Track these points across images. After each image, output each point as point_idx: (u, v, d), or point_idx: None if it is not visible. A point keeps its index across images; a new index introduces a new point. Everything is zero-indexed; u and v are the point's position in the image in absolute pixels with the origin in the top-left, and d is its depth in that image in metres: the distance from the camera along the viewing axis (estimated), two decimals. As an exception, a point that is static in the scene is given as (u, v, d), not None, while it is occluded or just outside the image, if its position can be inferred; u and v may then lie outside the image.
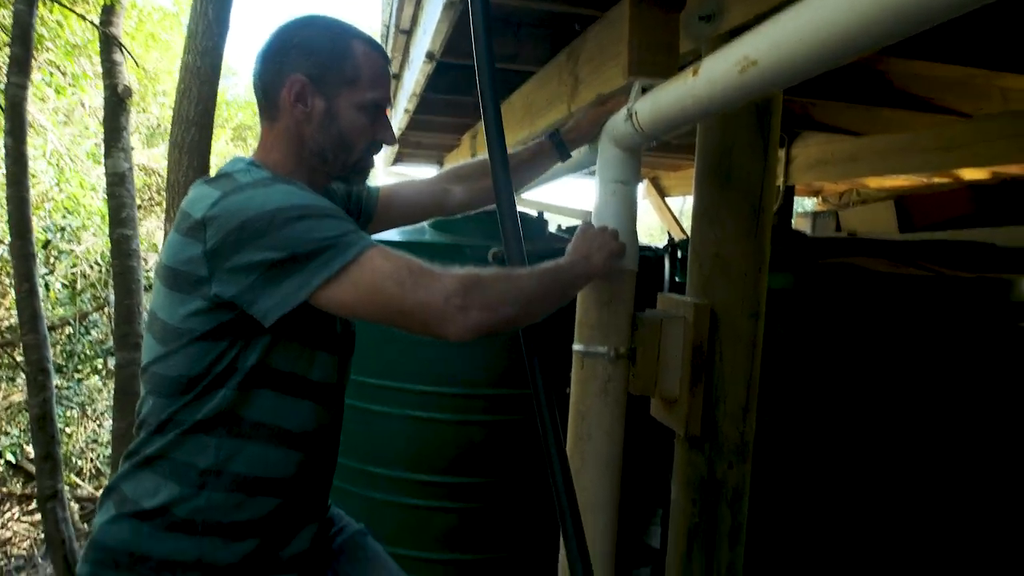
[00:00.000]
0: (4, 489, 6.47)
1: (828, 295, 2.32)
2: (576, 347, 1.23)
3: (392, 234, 2.48)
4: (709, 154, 1.18)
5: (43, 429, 2.35)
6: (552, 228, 2.98)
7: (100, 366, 5.07)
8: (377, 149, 1.10)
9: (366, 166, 1.09)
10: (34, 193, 3.06)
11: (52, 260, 4.83)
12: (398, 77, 2.90)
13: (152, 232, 6.20)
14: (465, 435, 2.08)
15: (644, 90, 1.11)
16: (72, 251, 4.82)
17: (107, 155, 3.10)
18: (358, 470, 2.12)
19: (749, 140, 1.20)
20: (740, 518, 1.33)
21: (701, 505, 1.31)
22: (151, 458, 0.96)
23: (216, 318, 0.92)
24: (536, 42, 1.88)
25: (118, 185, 3.10)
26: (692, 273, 1.24)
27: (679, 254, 2.97)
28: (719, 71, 0.82)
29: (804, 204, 6.60)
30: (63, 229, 4.69)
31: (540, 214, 2.62)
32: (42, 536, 5.77)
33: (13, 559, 4.82)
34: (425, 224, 2.46)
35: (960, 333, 2.30)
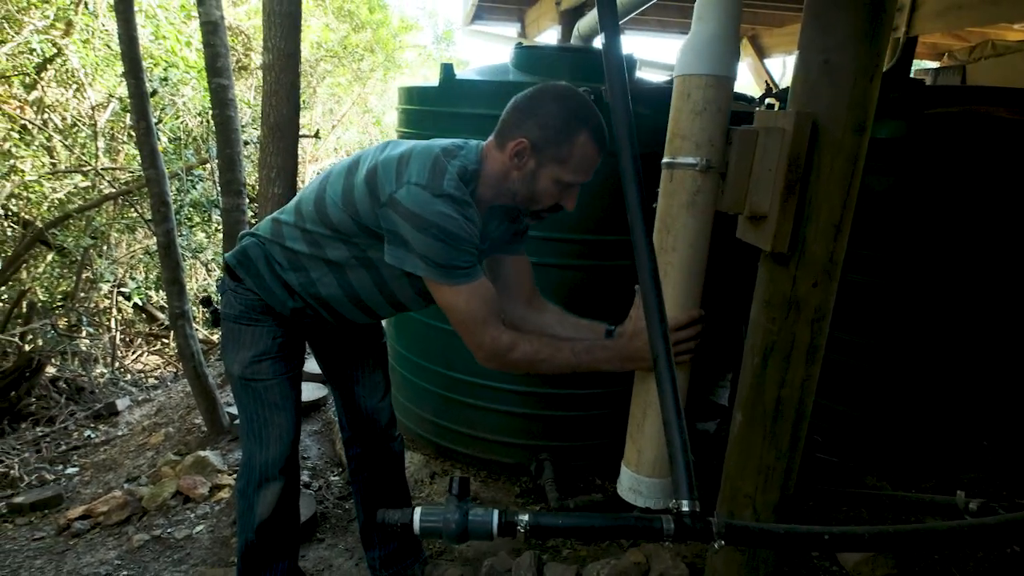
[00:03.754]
0: (135, 329, 7.37)
1: (943, 143, 2.15)
2: (665, 159, 1.23)
3: (477, 72, 2.45)
4: (829, -58, 1.08)
5: (168, 256, 2.62)
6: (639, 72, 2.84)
7: (206, 218, 5.49)
8: (557, 210, 1.36)
9: (542, 216, 1.39)
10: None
11: (159, 112, 5.12)
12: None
13: (242, 92, 6.39)
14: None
15: None
16: (175, 103, 5.08)
17: (199, 3, 3.14)
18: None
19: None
20: (819, 339, 1.34)
21: (780, 323, 1.32)
22: (288, 249, 1.49)
23: (371, 221, 1.33)
24: None
25: (212, 34, 3.15)
26: (796, 82, 1.18)
27: (776, 105, 2.79)
28: None
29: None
30: (166, 79, 4.93)
31: (629, 55, 2.50)
32: (170, 368, 6.61)
33: (148, 383, 5.59)
34: (509, 63, 2.41)
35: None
